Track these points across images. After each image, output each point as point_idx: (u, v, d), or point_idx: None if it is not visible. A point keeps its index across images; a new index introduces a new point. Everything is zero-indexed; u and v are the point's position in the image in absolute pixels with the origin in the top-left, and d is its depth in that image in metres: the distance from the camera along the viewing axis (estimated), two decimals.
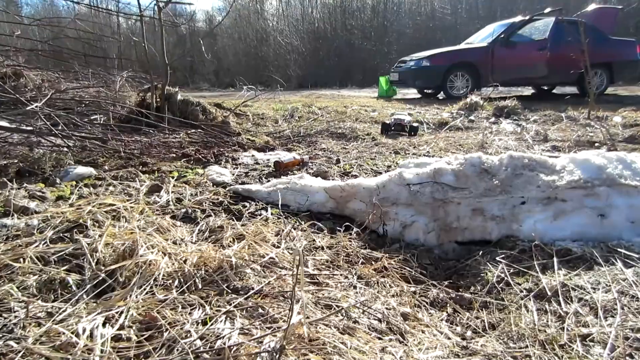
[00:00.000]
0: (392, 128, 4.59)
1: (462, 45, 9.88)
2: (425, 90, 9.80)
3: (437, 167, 2.31)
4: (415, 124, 4.61)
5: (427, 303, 1.62)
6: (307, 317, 1.27)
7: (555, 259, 1.74)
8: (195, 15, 24.68)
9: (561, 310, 1.44)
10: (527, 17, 9.26)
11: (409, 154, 3.41)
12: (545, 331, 1.34)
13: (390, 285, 1.68)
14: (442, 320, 1.52)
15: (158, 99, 4.95)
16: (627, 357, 1.16)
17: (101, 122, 4.66)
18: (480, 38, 9.68)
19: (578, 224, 1.97)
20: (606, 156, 2.28)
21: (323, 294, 1.45)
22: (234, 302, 1.38)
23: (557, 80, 9.48)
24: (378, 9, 22.42)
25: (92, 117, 4.85)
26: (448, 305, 1.62)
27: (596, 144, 3.82)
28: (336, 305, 1.39)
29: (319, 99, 8.41)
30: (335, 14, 22.19)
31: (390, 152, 3.44)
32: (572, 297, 1.52)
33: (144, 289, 1.44)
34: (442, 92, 9.18)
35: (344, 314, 1.35)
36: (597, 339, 1.25)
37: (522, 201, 2.10)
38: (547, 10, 9.39)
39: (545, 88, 10.82)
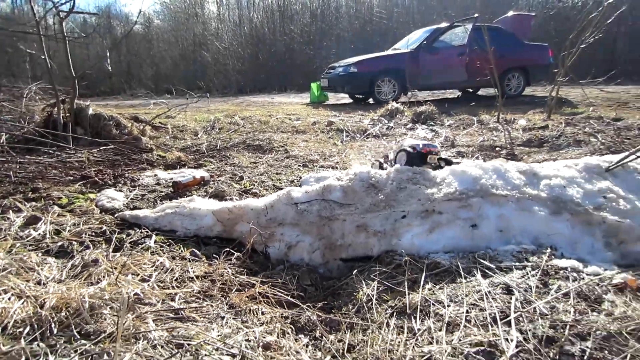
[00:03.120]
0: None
1: (389, 51, 10.15)
2: (355, 96, 9.98)
3: (326, 184, 2.34)
4: (446, 156, 2.98)
5: (296, 329, 1.62)
6: None
7: (423, 274, 1.80)
8: (133, 18, 23.76)
9: (416, 328, 1.49)
10: (449, 24, 9.67)
11: (317, 166, 3.44)
12: (396, 351, 1.38)
13: (262, 312, 1.67)
14: (305, 346, 1.53)
15: (68, 114, 4.70)
16: None
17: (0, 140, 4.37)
18: (407, 43, 9.99)
19: (452, 235, 2.06)
20: (483, 167, 2.40)
21: (179, 332, 1.42)
22: (80, 349, 1.32)
23: (476, 83, 9.96)
24: (317, 13, 22.58)
25: None
26: (317, 329, 1.63)
27: (497, 148, 4.04)
28: (187, 344, 1.36)
29: (249, 107, 8.34)
30: (274, 18, 22.14)
31: (299, 166, 3.46)
32: (430, 312, 1.57)
33: None
34: (372, 98, 9.38)
35: (194, 355, 1.32)
36: (436, 357, 1.30)
37: (403, 215, 2.17)
38: (473, 15, 9.83)
39: (470, 90, 11.34)
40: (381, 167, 3.13)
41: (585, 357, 1.34)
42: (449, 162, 2.84)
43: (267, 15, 22.11)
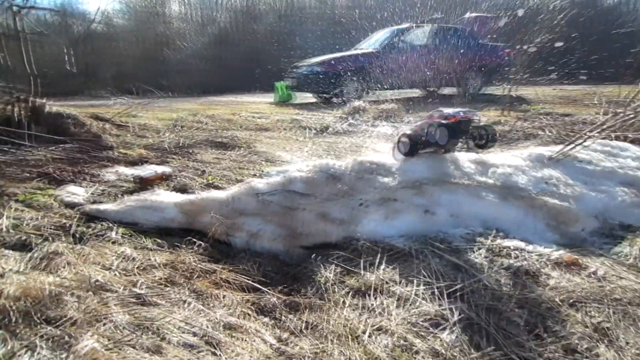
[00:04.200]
0: (425, 139, 2.57)
1: (354, 51, 10.31)
2: (321, 95, 10.07)
3: (287, 176, 2.41)
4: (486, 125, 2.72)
5: (258, 311, 1.68)
6: (111, 340, 1.28)
7: (380, 257, 1.90)
8: (92, 17, 22.99)
9: (371, 304, 1.58)
10: (412, 24, 9.92)
11: (280, 161, 3.50)
12: (351, 325, 1.47)
13: (225, 296, 1.72)
14: (267, 325, 1.60)
15: (29, 113, 4.57)
16: (402, 342, 1.31)
17: None
18: (371, 43, 10.19)
19: (407, 221, 2.17)
20: (437, 157, 2.53)
21: (142, 314, 1.46)
22: (42, 333, 1.34)
23: (438, 82, 10.24)
24: (282, 13, 22.56)
25: None
26: (278, 310, 1.70)
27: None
28: (151, 325, 1.40)
29: (213, 106, 8.30)
30: (240, 18, 21.98)
31: (263, 161, 3.51)
32: (385, 290, 1.67)
33: None
34: (337, 97, 9.49)
35: (157, 333, 1.37)
36: (385, 328, 1.39)
37: (361, 203, 2.26)
38: (434, 16, 10.11)
39: (432, 90, 11.64)
40: (413, 146, 2.58)
41: (522, 324, 1.47)
42: (491, 136, 2.61)
43: (232, 16, 21.91)
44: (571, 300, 1.61)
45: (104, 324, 1.36)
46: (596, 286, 1.72)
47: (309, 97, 10.86)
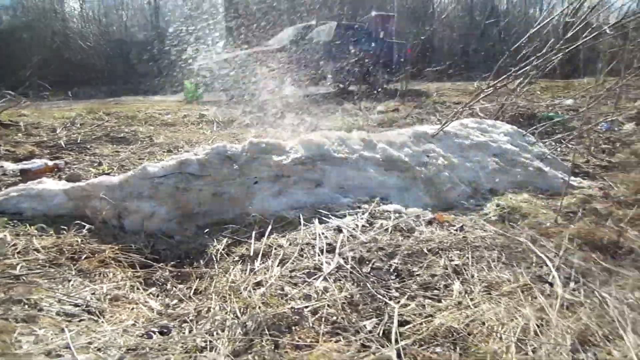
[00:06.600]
0: None
1: (262, 47, 10.38)
2: (229, 92, 10.00)
3: (183, 159, 2.42)
4: None
5: (147, 284, 1.71)
6: None
7: (269, 227, 2.00)
8: None
9: (254, 267, 1.68)
10: (316, 22, 10.22)
11: (182, 151, 3.49)
12: (235, 285, 1.55)
13: (113, 273, 1.72)
14: (155, 295, 1.63)
15: None
16: (277, 291, 1.42)
17: None
18: (278, 39, 10.34)
19: (298, 194, 2.30)
20: (327, 136, 2.69)
21: (18, 292, 1.43)
22: None
23: (344, 78, 10.59)
24: (191, 12, 21.93)
25: None
26: (166, 282, 1.73)
27: (355, 129, 4.46)
28: (27, 299, 1.38)
29: (118, 105, 7.95)
30: (146, 16, 21.04)
31: (163, 152, 3.48)
32: (271, 254, 1.78)
33: None
34: (246, 92, 9.47)
35: (33, 306, 1.35)
36: (264, 282, 1.50)
37: (255, 181, 2.35)
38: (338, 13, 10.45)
39: (341, 86, 12.04)
40: None
41: (392, 269, 1.65)
42: None
43: (137, 14, 20.93)
44: (437, 249, 1.83)
45: None
46: (460, 237, 1.96)
47: (219, 95, 10.73)
